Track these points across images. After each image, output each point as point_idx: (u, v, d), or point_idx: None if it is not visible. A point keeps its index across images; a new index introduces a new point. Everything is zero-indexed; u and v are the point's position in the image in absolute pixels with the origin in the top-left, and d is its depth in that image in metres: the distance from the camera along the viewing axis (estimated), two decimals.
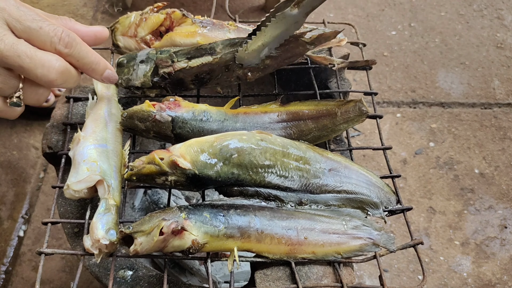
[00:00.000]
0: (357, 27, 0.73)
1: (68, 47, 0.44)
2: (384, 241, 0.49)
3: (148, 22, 0.57)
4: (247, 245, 0.46)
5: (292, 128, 0.54)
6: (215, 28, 0.60)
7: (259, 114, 0.55)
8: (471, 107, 1.35)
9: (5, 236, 1.07)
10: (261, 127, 0.53)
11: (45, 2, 1.52)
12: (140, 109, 0.51)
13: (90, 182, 0.46)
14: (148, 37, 0.58)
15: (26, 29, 0.42)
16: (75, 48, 0.45)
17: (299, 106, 0.55)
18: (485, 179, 1.21)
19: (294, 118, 0.54)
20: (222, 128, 0.52)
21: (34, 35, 0.42)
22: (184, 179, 0.47)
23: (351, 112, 0.55)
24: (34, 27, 0.42)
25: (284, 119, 0.54)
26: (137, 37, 0.58)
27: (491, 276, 1.06)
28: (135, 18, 0.58)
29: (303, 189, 0.50)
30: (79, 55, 0.46)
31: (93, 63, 0.47)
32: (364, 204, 0.51)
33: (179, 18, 0.58)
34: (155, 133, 0.52)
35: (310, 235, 0.47)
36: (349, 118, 0.55)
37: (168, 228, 0.42)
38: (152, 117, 0.50)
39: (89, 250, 0.43)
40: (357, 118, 0.55)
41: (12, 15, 0.42)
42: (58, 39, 0.43)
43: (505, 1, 1.62)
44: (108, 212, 0.45)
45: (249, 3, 1.57)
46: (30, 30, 0.42)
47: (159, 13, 0.58)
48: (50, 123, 0.60)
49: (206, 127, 0.52)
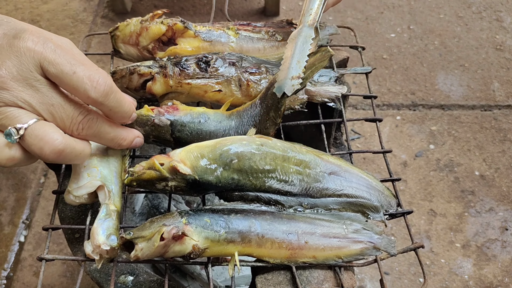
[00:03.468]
0: (356, 30, 0.73)
1: (103, 96, 0.41)
2: (385, 244, 0.49)
3: (149, 32, 0.58)
4: (248, 249, 0.46)
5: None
6: (218, 41, 0.60)
7: (249, 106, 0.55)
8: (471, 109, 1.35)
9: (6, 241, 1.07)
10: (253, 118, 0.53)
11: (45, 8, 1.53)
12: (138, 113, 0.51)
13: (90, 188, 0.46)
14: (151, 46, 0.58)
15: (59, 73, 0.40)
16: (110, 98, 0.42)
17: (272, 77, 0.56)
18: (485, 181, 1.21)
19: (269, 88, 0.55)
20: (220, 128, 0.53)
21: (67, 80, 0.40)
22: (184, 185, 0.47)
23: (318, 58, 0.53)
24: (67, 71, 0.40)
25: (265, 95, 0.54)
26: (139, 46, 0.59)
27: (492, 279, 1.06)
28: (136, 27, 0.59)
29: (303, 193, 0.50)
30: (113, 104, 0.43)
31: (125, 114, 0.45)
32: (364, 208, 0.51)
33: (181, 29, 0.58)
34: (154, 137, 0.52)
35: (311, 239, 0.47)
36: (314, 65, 0.52)
37: (169, 234, 0.42)
38: (151, 121, 0.50)
39: (90, 256, 0.43)
40: (322, 62, 0.52)
41: (47, 58, 0.39)
42: (93, 86, 0.40)
43: (504, 3, 1.62)
44: (108, 217, 0.45)
45: (248, 6, 1.57)
46: (63, 74, 0.40)
47: (160, 24, 0.58)
48: None
49: (205, 129, 0.52)
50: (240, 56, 0.58)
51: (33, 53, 0.39)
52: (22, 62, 0.39)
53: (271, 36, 0.63)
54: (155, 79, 0.54)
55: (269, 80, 0.56)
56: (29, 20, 1.53)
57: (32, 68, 0.39)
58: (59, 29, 1.49)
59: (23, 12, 1.56)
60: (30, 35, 0.40)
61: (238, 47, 0.61)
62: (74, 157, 0.42)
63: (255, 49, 0.62)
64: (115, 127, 0.46)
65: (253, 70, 0.57)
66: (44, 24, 1.51)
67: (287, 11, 1.58)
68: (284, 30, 0.65)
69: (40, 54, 0.39)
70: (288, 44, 0.56)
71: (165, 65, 0.54)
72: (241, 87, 0.55)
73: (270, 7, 1.51)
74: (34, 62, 0.39)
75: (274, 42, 0.63)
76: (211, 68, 0.56)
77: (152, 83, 0.55)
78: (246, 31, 0.62)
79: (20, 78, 0.39)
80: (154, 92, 0.55)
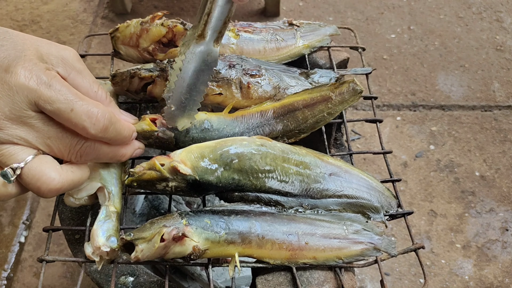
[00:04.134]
0: (356, 30, 0.73)
1: (103, 131, 0.40)
2: (385, 245, 0.49)
3: (149, 34, 0.58)
4: (248, 250, 0.46)
5: (289, 119, 0.54)
6: None
7: (255, 114, 0.55)
8: (471, 109, 1.35)
9: (6, 242, 1.07)
10: (259, 126, 0.53)
11: (45, 8, 1.53)
12: (141, 129, 0.49)
13: (90, 190, 0.46)
14: (151, 47, 0.58)
15: (56, 111, 0.38)
16: (109, 130, 0.41)
17: (293, 98, 0.56)
18: (485, 181, 1.21)
19: (290, 110, 0.55)
20: (223, 134, 0.53)
21: (65, 117, 0.39)
22: (185, 185, 0.47)
23: (345, 94, 0.55)
24: (65, 109, 0.38)
25: (280, 113, 0.55)
26: (139, 47, 0.59)
27: (492, 279, 1.06)
28: (136, 28, 0.58)
29: (303, 194, 0.50)
30: (112, 135, 0.42)
31: (125, 139, 0.44)
32: (365, 209, 0.51)
33: (181, 31, 0.58)
34: (158, 147, 0.52)
35: (311, 240, 0.47)
36: (344, 100, 0.56)
37: (169, 235, 0.42)
38: (155, 135, 0.50)
39: (90, 257, 0.43)
40: (353, 98, 0.56)
41: (42, 96, 0.38)
42: (92, 123, 0.39)
43: (504, 3, 1.62)
44: (108, 219, 0.45)
45: (249, 7, 1.58)
46: (60, 112, 0.38)
47: (160, 26, 0.58)
48: None
49: (209, 137, 0.52)
50: (240, 57, 0.58)
51: (27, 92, 0.38)
52: (15, 101, 0.37)
53: (271, 38, 0.63)
54: (156, 83, 0.54)
55: (269, 82, 0.56)
56: (30, 21, 1.53)
57: (25, 106, 0.38)
58: (59, 30, 1.49)
59: (23, 12, 1.56)
60: (22, 69, 0.38)
61: (238, 49, 0.61)
62: (73, 187, 0.42)
63: (256, 51, 0.62)
64: (113, 147, 0.45)
65: (253, 72, 0.57)
66: (44, 25, 1.51)
67: (287, 11, 1.58)
68: (285, 31, 0.65)
69: (35, 93, 0.38)
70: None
71: (166, 68, 0.54)
72: (242, 89, 0.55)
73: (270, 7, 1.51)
74: (27, 101, 0.38)
75: (275, 43, 0.63)
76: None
77: (153, 86, 0.55)
78: (246, 33, 0.62)
79: (14, 117, 0.38)
80: (155, 95, 0.55)
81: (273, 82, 0.57)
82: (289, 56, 0.63)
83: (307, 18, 1.57)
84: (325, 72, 0.62)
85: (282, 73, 0.60)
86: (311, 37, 0.65)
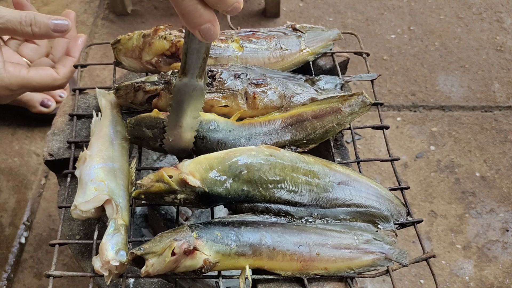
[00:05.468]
0: (356, 31, 0.73)
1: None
2: (396, 255, 0.49)
3: (152, 48, 0.57)
4: (259, 262, 0.46)
5: (297, 129, 0.54)
6: (222, 56, 0.60)
7: (263, 123, 0.54)
8: (472, 110, 1.36)
9: (6, 243, 1.07)
10: (266, 135, 0.53)
11: (46, 9, 1.51)
12: (148, 116, 0.50)
13: (98, 202, 0.45)
14: (154, 60, 0.57)
15: None
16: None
17: (302, 109, 0.55)
18: (486, 182, 1.21)
19: (299, 120, 0.55)
20: (228, 137, 0.52)
21: None
22: (194, 197, 0.46)
23: (354, 105, 0.56)
24: None
25: (289, 123, 0.54)
26: (142, 59, 0.58)
27: (493, 280, 1.07)
28: (138, 41, 0.58)
29: (313, 203, 0.50)
30: None
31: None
32: (374, 218, 0.51)
33: None
34: (162, 141, 0.51)
35: (322, 251, 0.47)
36: (353, 111, 0.56)
37: (180, 249, 0.42)
38: (161, 123, 0.50)
39: (99, 272, 0.43)
40: (362, 109, 0.56)
41: None
42: None
43: (504, 4, 1.62)
44: (117, 232, 0.44)
45: (249, 8, 1.56)
46: None
47: (163, 40, 0.57)
48: (51, 131, 0.59)
49: (214, 136, 0.52)
50: (245, 66, 0.58)
51: None
52: None
53: (275, 47, 0.62)
54: (161, 96, 0.54)
55: (275, 91, 0.56)
56: None
57: None
58: None
59: None
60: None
61: (243, 61, 0.61)
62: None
63: (261, 63, 0.61)
64: None
65: (259, 81, 0.56)
66: None
67: (288, 12, 1.57)
68: (289, 38, 0.64)
69: None
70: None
71: (171, 81, 0.53)
72: (248, 100, 0.55)
73: (271, 8, 1.50)
74: None
75: (279, 52, 0.62)
76: (217, 82, 0.55)
77: (158, 99, 0.54)
78: (250, 43, 0.62)
79: None
80: (160, 108, 0.55)
81: (278, 90, 0.57)
82: (293, 64, 0.63)
83: (307, 18, 1.56)
84: (330, 79, 0.62)
85: (287, 81, 0.59)
86: (315, 44, 0.65)
